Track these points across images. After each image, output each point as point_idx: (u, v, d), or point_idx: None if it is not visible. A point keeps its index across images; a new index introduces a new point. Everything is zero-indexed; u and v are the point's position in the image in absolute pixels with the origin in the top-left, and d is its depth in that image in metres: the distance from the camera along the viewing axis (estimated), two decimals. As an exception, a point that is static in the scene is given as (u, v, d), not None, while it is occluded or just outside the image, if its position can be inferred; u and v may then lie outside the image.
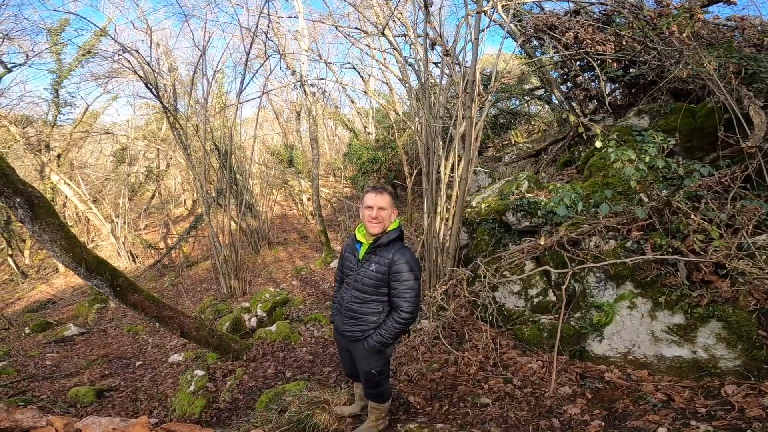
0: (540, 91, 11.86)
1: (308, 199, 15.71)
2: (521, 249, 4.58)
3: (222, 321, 6.48)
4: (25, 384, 5.33)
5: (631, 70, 6.02)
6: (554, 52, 6.94)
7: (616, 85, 7.14)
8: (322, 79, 13.89)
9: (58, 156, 13.54)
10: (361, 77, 15.42)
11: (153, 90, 8.00)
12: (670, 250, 2.91)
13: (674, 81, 5.27)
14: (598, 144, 3.64)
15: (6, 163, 3.99)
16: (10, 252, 13.47)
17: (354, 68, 14.13)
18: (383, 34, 5.62)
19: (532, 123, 14.07)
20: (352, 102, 17.98)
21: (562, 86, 8.40)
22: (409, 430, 2.80)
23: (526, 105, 13.57)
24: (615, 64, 5.82)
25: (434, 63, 9.44)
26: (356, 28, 9.83)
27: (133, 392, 4.85)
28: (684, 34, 3.73)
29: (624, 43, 5.74)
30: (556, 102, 10.43)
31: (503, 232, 5.29)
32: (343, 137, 21.80)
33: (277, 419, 3.26)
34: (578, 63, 7.00)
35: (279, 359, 4.78)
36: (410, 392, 3.34)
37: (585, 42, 5.76)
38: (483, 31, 4.97)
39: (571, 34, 5.90)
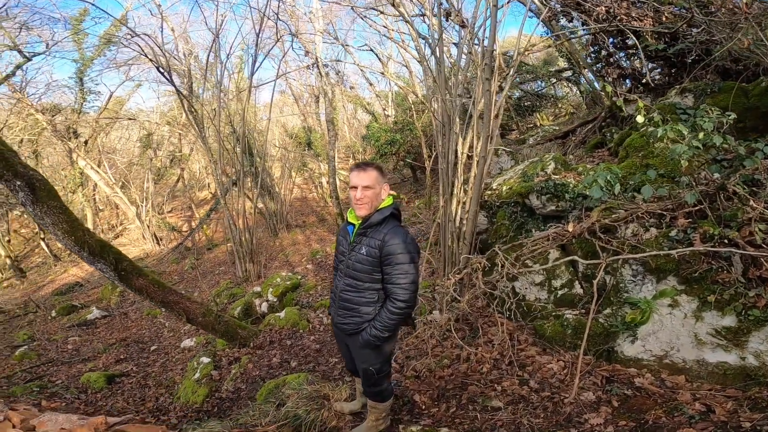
0: (568, 73, 11.17)
1: (327, 182, 15.55)
2: (546, 236, 4.18)
3: (234, 305, 6.43)
4: (45, 369, 5.43)
5: (671, 47, 5.42)
6: (584, 28, 6.32)
7: (654, 64, 6.50)
8: (339, 60, 13.53)
9: (85, 142, 13.87)
10: (380, 60, 14.96)
11: (166, 74, 7.89)
12: (725, 241, 2.45)
13: (722, 59, 4.77)
14: (639, 119, 3.18)
15: (6, 147, 3.92)
16: (42, 235, 14.04)
17: (372, 50, 13.68)
18: (393, 5, 5.21)
19: (559, 106, 13.35)
20: (371, 85, 17.56)
21: (593, 66, 7.79)
22: (411, 433, 2.56)
23: (552, 87, 12.87)
24: (653, 40, 5.26)
25: (454, 43, 8.93)
26: (372, 8, 9.34)
27: (144, 378, 4.83)
28: (744, 1, 3.19)
29: (664, 19, 5.16)
30: (585, 83, 9.77)
31: (526, 217, 4.90)
32: (363, 120, 21.43)
33: (275, 413, 3.09)
34: (610, 40, 6.40)
35: (286, 347, 4.63)
36: (416, 390, 3.09)
37: (619, 18, 5.20)
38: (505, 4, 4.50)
39: (603, 8, 5.32)
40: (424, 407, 2.88)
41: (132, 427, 1.89)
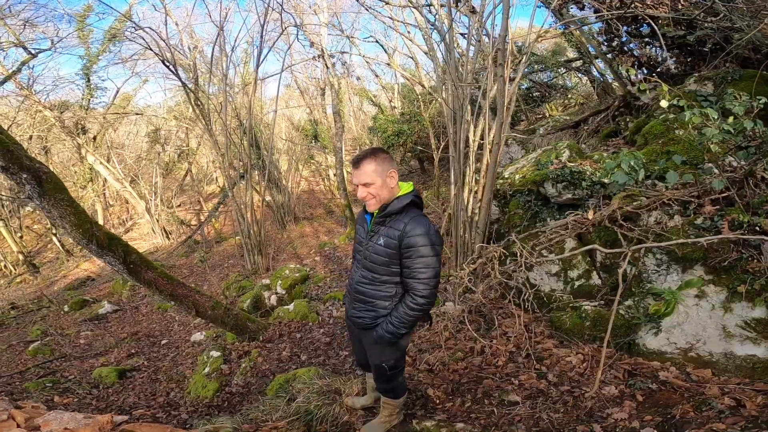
0: (578, 63, 10.92)
1: (334, 174, 15.47)
2: (564, 224, 4.05)
3: (243, 298, 6.40)
4: (58, 364, 5.44)
5: (690, 34, 5.23)
6: (596, 15, 6.12)
7: (669, 53, 6.31)
8: (344, 52, 13.38)
9: (94, 138, 13.92)
10: (386, 51, 14.77)
11: (170, 67, 7.82)
12: (756, 228, 2.31)
13: (742, 47, 4.62)
14: (664, 103, 3.03)
15: (12, 140, 3.87)
16: (54, 231, 14.18)
17: (377, 42, 13.49)
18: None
19: (569, 96, 13.09)
20: (376, 76, 17.38)
21: (606, 55, 7.57)
22: (425, 428, 2.48)
23: (561, 78, 12.60)
24: (671, 28, 5.10)
25: (461, 34, 8.75)
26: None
27: (155, 372, 4.82)
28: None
29: (680, 6, 4.99)
30: (596, 73, 9.56)
31: (540, 206, 4.76)
32: (370, 113, 21.28)
33: (285, 408, 3.03)
34: (624, 28, 6.20)
35: (295, 341, 4.59)
36: (430, 384, 3.01)
37: (634, 5, 5.03)
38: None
39: (616, -4, 5.18)
40: (438, 402, 2.80)
41: (139, 426, 1.83)
